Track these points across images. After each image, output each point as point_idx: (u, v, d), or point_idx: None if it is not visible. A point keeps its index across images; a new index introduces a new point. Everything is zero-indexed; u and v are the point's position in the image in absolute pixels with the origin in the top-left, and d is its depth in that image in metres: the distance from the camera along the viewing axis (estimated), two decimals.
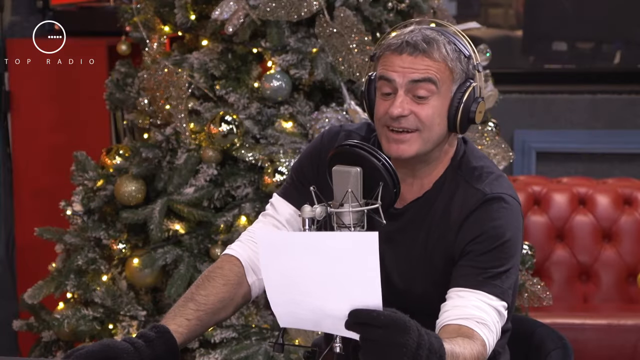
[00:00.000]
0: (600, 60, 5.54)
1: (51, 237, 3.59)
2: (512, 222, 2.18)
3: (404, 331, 1.83)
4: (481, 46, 3.66)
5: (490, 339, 2.09)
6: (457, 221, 2.18)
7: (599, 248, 4.46)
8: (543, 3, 5.49)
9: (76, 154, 3.61)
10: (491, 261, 2.14)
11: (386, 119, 2.17)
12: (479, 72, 2.21)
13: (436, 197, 2.23)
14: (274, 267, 1.92)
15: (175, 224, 3.37)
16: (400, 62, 2.15)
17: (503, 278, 2.14)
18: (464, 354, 1.99)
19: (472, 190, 2.20)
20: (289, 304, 1.94)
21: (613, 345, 4.03)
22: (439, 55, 2.14)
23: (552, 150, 5.01)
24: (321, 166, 2.25)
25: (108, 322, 3.41)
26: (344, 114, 3.32)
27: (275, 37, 3.35)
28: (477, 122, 2.21)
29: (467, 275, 2.13)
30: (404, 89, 2.15)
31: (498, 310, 2.12)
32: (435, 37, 2.16)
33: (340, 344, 1.92)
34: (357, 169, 2.02)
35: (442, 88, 2.16)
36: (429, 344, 1.86)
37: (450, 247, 2.18)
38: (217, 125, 3.30)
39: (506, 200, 2.18)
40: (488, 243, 2.14)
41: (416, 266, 2.22)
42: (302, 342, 3.15)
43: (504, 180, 2.24)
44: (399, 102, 2.14)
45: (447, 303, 2.12)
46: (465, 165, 2.24)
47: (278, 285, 1.93)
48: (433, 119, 2.16)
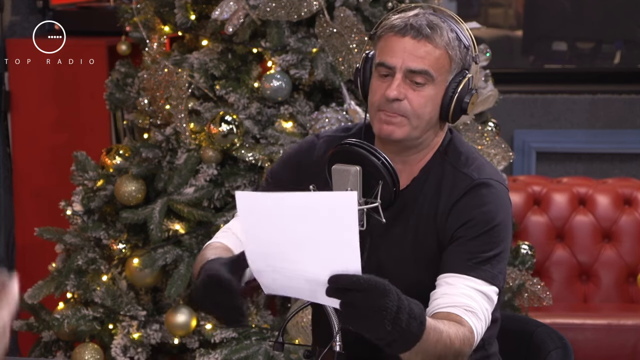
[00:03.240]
0: (600, 60, 5.55)
1: (51, 237, 3.59)
2: (501, 206, 2.19)
3: (384, 294, 1.83)
4: (481, 46, 3.66)
5: (479, 326, 2.09)
6: (447, 206, 2.19)
7: (599, 248, 4.46)
8: (543, 3, 5.49)
9: (76, 154, 3.61)
10: (481, 246, 2.15)
11: (382, 101, 2.18)
12: (476, 64, 2.22)
13: (424, 183, 2.24)
14: (254, 232, 1.91)
15: (175, 224, 3.37)
16: (401, 46, 2.16)
17: (493, 262, 2.14)
18: (448, 332, 2.00)
19: (460, 175, 2.22)
20: (270, 271, 1.93)
21: (613, 345, 4.03)
22: (441, 41, 2.15)
23: (552, 150, 5.01)
24: (302, 173, 2.26)
25: (108, 322, 3.41)
26: (344, 114, 3.32)
27: (275, 37, 3.35)
28: (469, 113, 2.23)
29: (456, 260, 2.14)
30: (402, 73, 2.16)
31: (488, 296, 2.13)
32: (439, 23, 2.17)
33: (340, 342, 1.92)
34: (357, 167, 2.03)
35: (438, 78, 2.17)
36: (409, 309, 1.87)
37: (441, 232, 2.19)
38: (217, 125, 3.30)
39: (494, 185, 2.20)
40: (478, 228, 2.15)
41: (408, 253, 2.23)
42: (302, 341, 3.16)
43: (489, 166, 2.27)
44: (395, 85, 2.16)
45: (437, 291, 2.13)
46: (452, 151, 2.26)
47: (258, 252, 1.92)
48: (425, 107, 2.18)
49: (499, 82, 3.84)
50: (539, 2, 5.51)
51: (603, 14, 5.46)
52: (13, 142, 4.32)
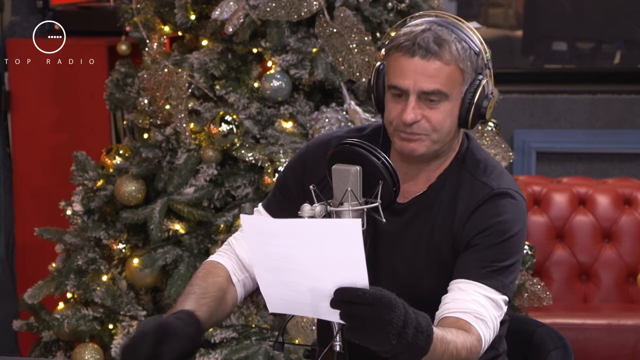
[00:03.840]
0: (600, 60, 5.54)
1: (51, 237, 3.59)
2: (519, 218, 2.19)
3: (390, 308, 1.84)
4: None
5: (487, 334, 2.09)
6: (464, 214, 2.18)
7: (599, 248, 4.46)
8: (543, 3, 5.49)
9: (76, 154, 3.61)
10: (496, 255, 2.14)
11: (398, 123, 2.16)
12: (489, 69, 2.21)
13: (440, 190, 2.23)
14: (262, 253, 1.92)
15: (175, 224, 3.37)
16: (411, 66, 2.13)
17: (506, 273, 2.15)
18: (455, 342, 1.99)
19: (478, 184, 2.21)
20: (278, 286, 1.94)
21: (613, 345, 4.03)
22: (450, 56, 2.13)
23: (552, 150, 5.01)
24: (306, 178, 2.24)
25: (108, 322, 3.41)
26: (344, 114, 3.32)
27: (275, 37, 3.35)
28: (487, 118, 2.21)
29: (470, 267, 2.14)
30: (415, 95, 2.14)
31: (498, 304, 2.13)
32: (446, 37, 2.14)
33: (340, 342, 1.92)
34: (357, 167, 2.03)
35: (452, 92, 2.15)
36: (416, 322, 1.87)
37: (457, 239, 2.19)
38: (217, 125, 3.30)
39: (513, 196, 2.20)
40: (494, 237, 2.15)
41: (423, 260, 2.22)
42: (302, 341, 3.15)
43: (507, 176, 2.25)
44: (410, 108, 2.14)
45: (448, 295, 2.13)
46: (470, 158, 2.25)
47: (266, 269, 1.93)
48: (444, 122, 2.16)
49: (499, 82, 3.79)
50: (539, 2, 5.51)
51: (603, 14, 5.46)
52: (13, 142, 4.32)
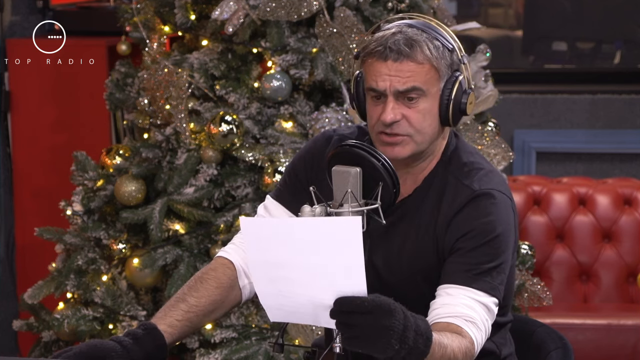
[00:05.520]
0: (600, 60, 5.55)
1: (51, 237, 3.59)
2: (502, 217, 2.18)
3: (389, 314, 1.85)
4: (481, 46, 3.66)
5: (479, 337, 2.10)
6: (447, 218, 2.19)
7: (599, 248, 4.46)
8: (543, 3, 5.49)
9: (76, 154, 3.61)
10: (481, 257, 2.14)
11: (379, 124, 2.18)
12: (464, 64, 2.21)
13: (426, 193, 2.23)
14: (260, 256, 1.92)
15: (175, 224, 3.37)
16: (385, 70, 2.15)
17: (494, 274, 2.14)
18: (451, 346, 2.00)
19: (461, 187, 2.20)
20: (277, 297, 1.94)
21: (613, 345, 4.03)
22: (423, 57, 2.14)
23: (552, 150, 5.01)
24: (315, 170, 2.26)
25: (108, 322, 3.41)
26: (344, 114, 3.33)
27: (275, 37, 3.36)
28: (469, 114, 2.22)
29: (456, 271, 2.14)
30: (393, 95, 2.16)
31: (487, 307, 2.12)
32: (417, 38, 2.15)
33: (340, 344, 1.92)
34: (357, 169, 2.03)
35: (430, 90, 2.16)
36: (416, 326, 1.88)
37: (440, 242, 2.19)
38: (217, 125, 3.30)
39: (495, 195, 2.19)
40: (478, 239, 2.15)
41: (407, 263, 2.23)
42: (302, 342, 3.15)
43: (494, 176, 2.24)
44: (389, 108, 2.16)
45: (436, 301, 2.13)
46: (456, 161, 2.25)
47: (265, 277, 1.94)
48: (424, 122, 2.17)
49: (499, 82, 3.83)
50: (539, 2, 5.51)
51: (603, 14, 5.46)
52: (13, 142, 4.33)
